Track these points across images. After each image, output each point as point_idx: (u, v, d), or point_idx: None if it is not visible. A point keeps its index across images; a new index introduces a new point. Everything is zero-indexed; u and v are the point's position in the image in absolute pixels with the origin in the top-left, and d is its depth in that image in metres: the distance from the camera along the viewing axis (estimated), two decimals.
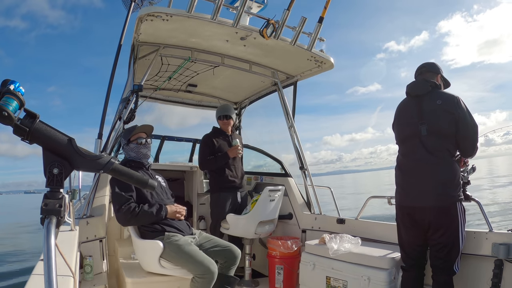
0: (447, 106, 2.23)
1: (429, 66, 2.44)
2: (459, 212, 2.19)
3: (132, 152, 2.69)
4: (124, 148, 2.74)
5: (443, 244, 2.18)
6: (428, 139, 2.24)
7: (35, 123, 0.83)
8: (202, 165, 3.58)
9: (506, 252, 2.14)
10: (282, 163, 3.92)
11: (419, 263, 2.34)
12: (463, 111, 2.22)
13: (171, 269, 2.38)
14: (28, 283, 1.19)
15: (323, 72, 3.53)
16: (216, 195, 3.50)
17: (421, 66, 2.46)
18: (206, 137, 3.61)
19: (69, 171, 0.88)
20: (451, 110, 2.21)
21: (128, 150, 2.71)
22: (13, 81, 0.86)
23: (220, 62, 3.40)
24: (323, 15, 2.84)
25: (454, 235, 2.17)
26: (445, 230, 2.17)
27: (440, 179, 2.18)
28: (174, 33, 2.89)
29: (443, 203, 2.17)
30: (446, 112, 2.22)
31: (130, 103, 2.83)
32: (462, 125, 2.20)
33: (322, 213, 3.35)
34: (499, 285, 2.15)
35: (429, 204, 2.19)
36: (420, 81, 2.38)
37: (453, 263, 2.19)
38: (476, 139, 2.24)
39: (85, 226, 2.36)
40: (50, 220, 0.82)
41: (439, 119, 2.23)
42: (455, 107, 2.22)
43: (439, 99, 2.27)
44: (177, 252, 2.34)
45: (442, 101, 2.25)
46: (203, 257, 2.34)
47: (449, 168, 2.20)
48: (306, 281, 2.72)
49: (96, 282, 2.23)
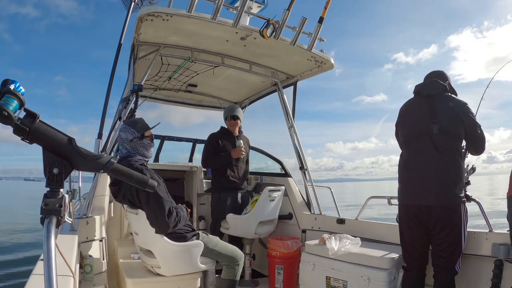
0: (459, 110, 2.31)
1: (438, 73, 2.53)
2: (463, 212, 2.22)
3: (144, 148, 2.38)
4: (134, 141, 2.35)
5: (448, 243, 2.20)
6: (439, 138, 2.28)
7: (35, 123, 0.83)
8: (204, 163, 3.61)
9: (506, 252, 2.15)
10: (282, 163, 3.92)
11: (421, 263, 2.34)
12: (472, 115, 2.33)
13: (209, 263, 2.48)
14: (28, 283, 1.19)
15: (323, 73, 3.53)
16: (217, 194, 3.50)
17: (431, 72, 2.55)
18: (212, 136, 3.63)
19: (69, 171, 0.88)
20: (462, 113, 2.30)
21: (140, 146, 2.36)
22: (13, 80, 0.86)
23: (220, 62, 3.40)
24: (323, 15, 2.84)
25: (458, 234, 2.20)
26: (451, 229, 2.20)
27: (449, 178, 2.22)
28: (174, 33, 2.89)
29: (451, 202, 2.20)
30: (457, 115, 2.29)
31: (130, 103, 2.83)
32: (472, 128, 2.29)
33: (322, 213, 3.35)
34: (499, 285, 2.15)
35: (438, 203, 2.21)
36: (434, 81, 2.43)
37: (455, 263, 2.20)
38: (484, 139, 2.34)
39: (85, 226, 2.36)
40: (50, 220, 0.82)
41: (451, 120, 2.29)
42: (466, 111, 2.32)
43: (451, 102, 2.34)
44: (214, 247, 2.46)
45: (455, 104, 2.33)
46: (232, 247, 2.56)
47: (457, 169, 2.25)
48: (306, 281, 2.72)
49: (96, 282, 2.23)
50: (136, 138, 2.35)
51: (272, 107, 4.11)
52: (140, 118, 2.51)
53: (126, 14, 3.20)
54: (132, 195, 2.23)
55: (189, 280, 2.47)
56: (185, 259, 2.37)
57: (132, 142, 2.36)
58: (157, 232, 2.24)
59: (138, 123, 2.42)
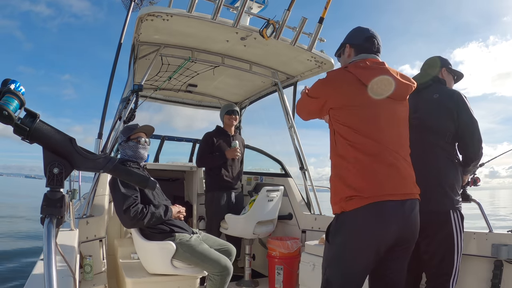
0: (445, 101, 2.07)
1: (430, 61, 2.28)
2: (454, 221, 1.99)
3: (130, 150, 2.59)
4: (122, 145, 2.62)
5: (430, 255, 2.03)
6: (419, 136, 1.99)
7: (36, 123, 0.83)
8: (198, 161, 3.61)
9: (506, 252, 2.13)
10: (282, 163, 3.92)
11: (414, 270, 2.15)
12: (465, 106, 2.04)
13: (184, 268, 2.40)
14: (28, 283, 1.19)
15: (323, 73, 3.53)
16: (211, 194, 3.52)
17: (424, 63, 2.33)
18: (207, 135, 3.63)
19: (69, 171, 0.87)
20: (450, 104, 2.05)
21: (126, 148, 2.60)
22: (13, 80, 0.86)
23: (220, 62, 3.40)
24: (323, 16, 2.84)
25: (444, 245, 1.99)
26: (432, 239, 2.00)
27: (431, 180, 1.97)
28: (174, 33, 2.89)
29: (430, 208, 1.90)
30: (442, 107, 2.05)
31: (130, 103, 2.83)
32: (463, 122, 2.03)
33: (322, 214, 3.35)
34: (499, 285, 2.15)
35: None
36: (422, 73, 2.25)
37: (448, 278, 1.99)
38: (477, 135, 2.05)
39: (85, 226, 2.36)
40: (50, 220, 0.82)
41: (434, 114, 2.07)
42: (456, 101, 2.05)
43: (436, 93, 2.11)
44: (191, 252, 2.35)
45: (440, 95, 2.10)
46: (218, 255, 2.39)
47: (442, 170, 2.04)
48: (306, 281, 2.72)
49: (96, 282, 2.23)
50: (123, 142, 2.61)
51: (272, 107, 4.11)
52: (133, 124, 2.71)
53: (126, 14, 3.21)
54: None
55: (189, 280, 2.48)
56: (156, 258, 2.42)
57: (121, 145, 2.63)
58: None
59: (127, 127, 2.65)
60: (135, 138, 2.61)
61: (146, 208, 2.38)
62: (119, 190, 2.36)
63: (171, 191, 4.06)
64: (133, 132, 2.63)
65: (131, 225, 2.41)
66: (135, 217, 2.31)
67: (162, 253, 2.37)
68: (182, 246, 2.37)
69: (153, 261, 2.45)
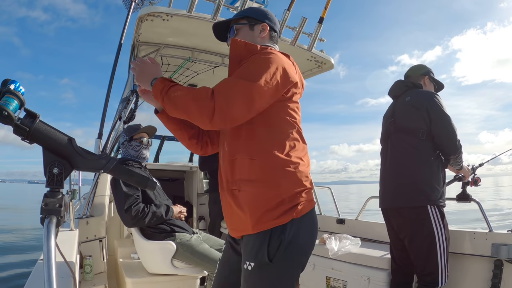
0: (415, 101, 2.15)
1: (411, 70, 2.40)
2: (433, 216, 2.02)
3: (133, 150, 2.62)
4: (124, 145, 2.65)
5: (414, 255, 2.08)
6: (396, 138, 2.20)
7: (35, 123, 0.83)
8: (201, 166, 3.60)
9: (506, 252, 2.14)
10: None
11: (402, 267, 2.23)
12: (435, 105, 2.09)
13: (184, 268, 2.40)
14: (28, 283, 1.19)
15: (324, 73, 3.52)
16: (214, 194, 3.51)
17: (408, 69, 2.43)
18: None
19: (69, 171, 0.88)
20: (420, 104, 2.11)
21: (129, 148, 2.63)
22: (13, 80, 0.86)
23: (220, 62, 3.40)
24: (323, 16, 2.84)
25: (425, 244, 2.02)
26: (412, 238, 2.06)
27: (404, 179, 2.08)
28: (174, 33, 2.89)
29: (406, 205, 2.04)
30: (413, 108, 2.14)
31: (130, 103, 2.83)
32: (433, 119, 2.08)
33: (322, 213, 3.35)
34: (499, 285, 2.15)
35: (392, 206, 2.14)
36: (396, 82, 2.36)
37: (436, 276, 2.01)
38: (451, 130, 2.07)
39: (85, 226, 2.36)
40: (50, 220, 0.82)
41: (405, 115, 2.18)
42: (426, 100, 2.11)
43: (408, 96, 2.21)
44: (191, 252, 2.35)
45: (411, 97, 2.19)
46: (218, 255, 2.37)
47: (416, 168, 2.08)
48: (306, 281, 2.72)
49: (96, 282, 2.23)
50: (126, 141, 2.64)
51: None
52: (136, 124, 2.72)
53: (127, 14, 3.21)
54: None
55: (189, 280, 2.48)
56: (156, 258, 2.41)
57: (123, 145, 2.65)
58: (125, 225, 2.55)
59: (130, 127, 2.66)
60: (138, 138, 2.64)
61: (147, 207, 2.39)
62: (120, 189, 2.37)
63: (171, 191, 4.05)
64: (137, 132, 2.65)
65: (132, 224, 2.41)
66: (136, 216, 2.32)
67: (163, 253, 2.37)
68: (183, 246, 2.37)
69: (153, 260, 2.45)
